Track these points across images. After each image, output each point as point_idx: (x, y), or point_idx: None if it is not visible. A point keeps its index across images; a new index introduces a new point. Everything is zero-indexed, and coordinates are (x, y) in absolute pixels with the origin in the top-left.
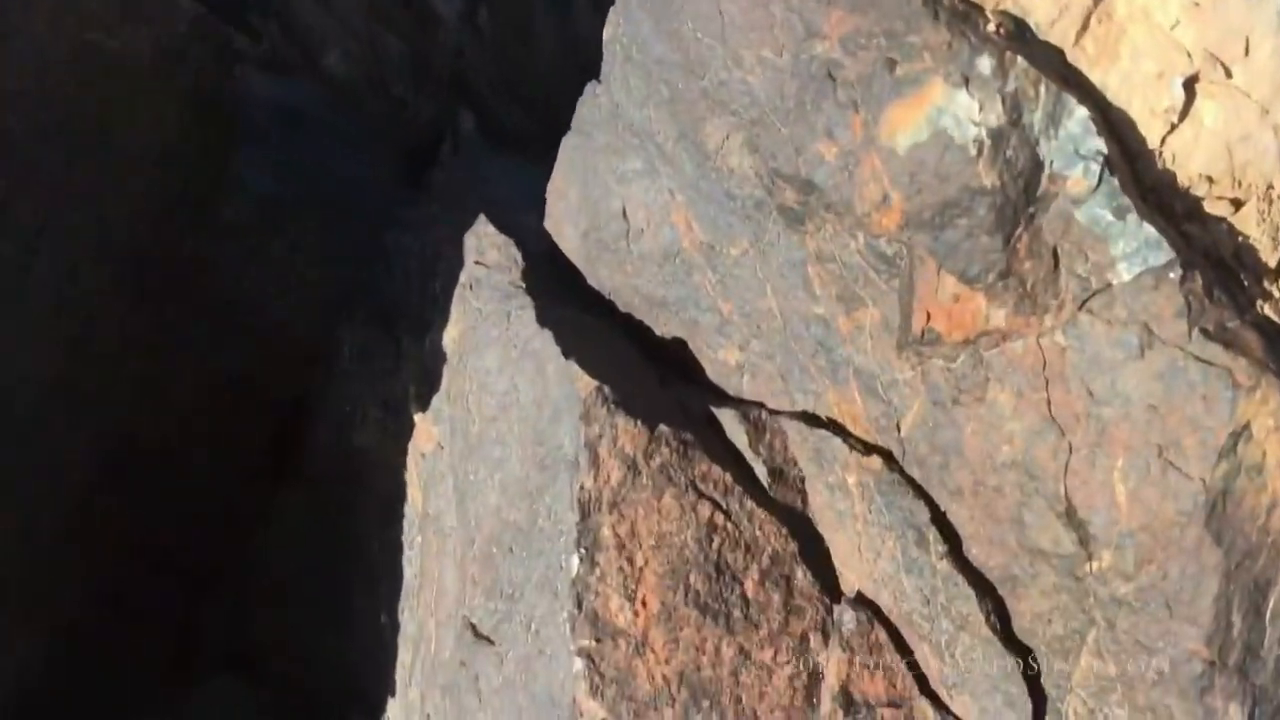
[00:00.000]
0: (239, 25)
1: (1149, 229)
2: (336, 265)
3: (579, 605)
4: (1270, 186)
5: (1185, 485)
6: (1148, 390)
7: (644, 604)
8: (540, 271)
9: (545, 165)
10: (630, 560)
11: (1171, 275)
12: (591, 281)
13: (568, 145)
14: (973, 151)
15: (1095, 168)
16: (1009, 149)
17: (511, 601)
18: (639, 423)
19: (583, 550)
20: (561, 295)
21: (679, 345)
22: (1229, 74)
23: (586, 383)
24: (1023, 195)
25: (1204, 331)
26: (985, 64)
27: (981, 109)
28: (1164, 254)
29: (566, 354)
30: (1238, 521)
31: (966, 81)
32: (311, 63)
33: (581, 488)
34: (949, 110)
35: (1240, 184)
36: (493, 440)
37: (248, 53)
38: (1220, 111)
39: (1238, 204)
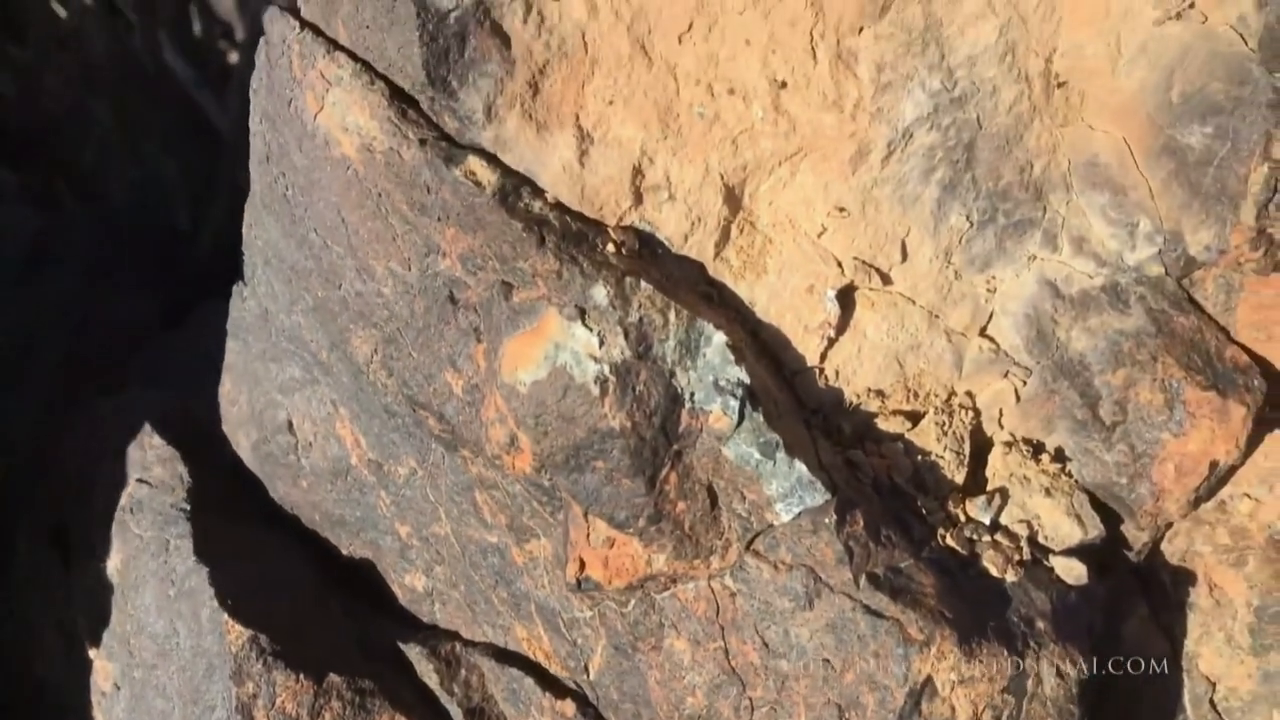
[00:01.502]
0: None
1: (800, 467)
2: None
3: None
4: (951, 394)
5: None
6: (821, 643)
7: None
8: (224, 482)
9: None
10: None
11: (827, 520)
12: (273, 495)
13: (230, 349)
14: (595, 391)
15: (734, 403)
16: (639, 384)
17: None
18: (302, 676)
19: None
20: (244, 510)
21: (368, 566)
22: (887, 280)
23: (239, 633)
24: (661, 434)
25: (871, 578)
26: (600, 293)
27: (602, 343)
28: (819, 494)
29: (221, 596)
30: None
31: (582, 314)
32: (91, 194)
33: None
34: (567, 345)
35: (916, 395)
36: (155, 691)
37: (8, 188)
38: (883, 322)
39: (915, 417)
